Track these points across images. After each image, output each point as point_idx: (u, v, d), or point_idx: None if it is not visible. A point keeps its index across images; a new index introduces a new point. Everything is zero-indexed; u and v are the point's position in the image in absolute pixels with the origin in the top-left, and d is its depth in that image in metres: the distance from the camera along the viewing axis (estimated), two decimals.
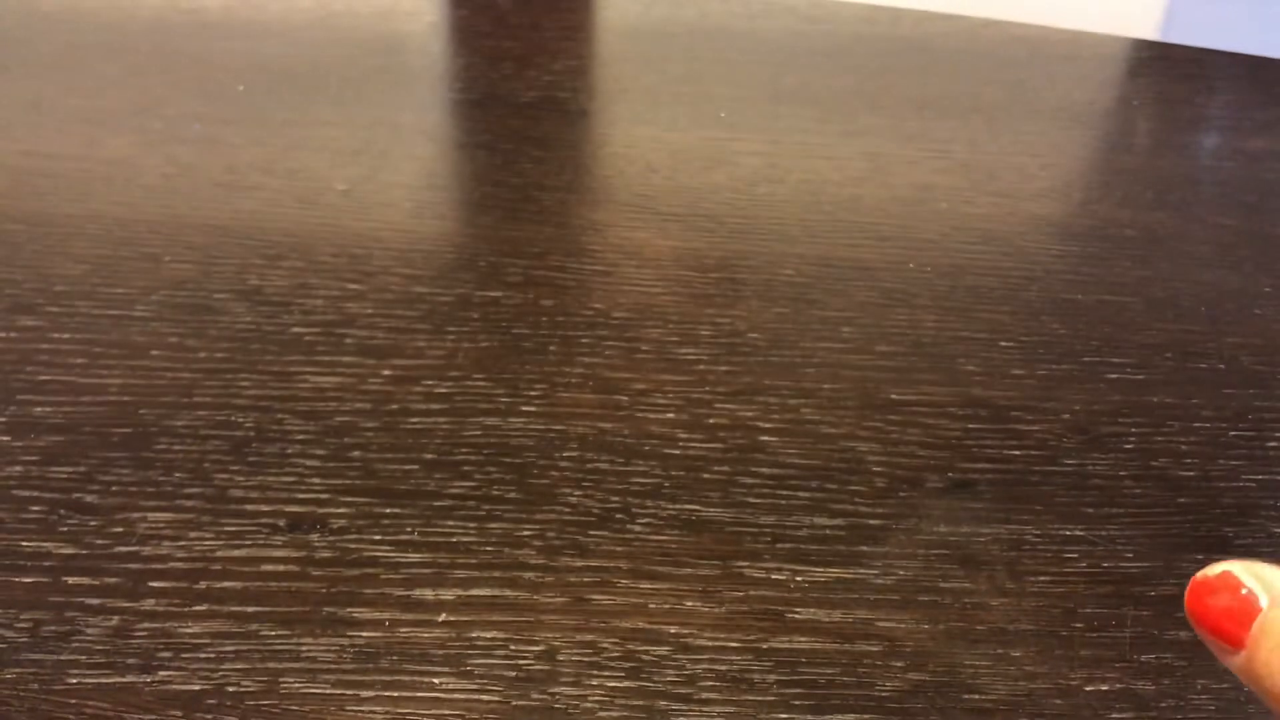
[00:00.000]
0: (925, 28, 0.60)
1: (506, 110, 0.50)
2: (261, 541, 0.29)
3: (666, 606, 0.28)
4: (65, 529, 0.29)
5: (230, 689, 0.25)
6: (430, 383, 0.34)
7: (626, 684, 0.26)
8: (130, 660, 0.26)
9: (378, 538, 0.29)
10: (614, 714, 0.25)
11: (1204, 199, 0.46)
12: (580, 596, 0.28)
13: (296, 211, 0.42)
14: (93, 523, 0.29)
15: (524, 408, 0.33)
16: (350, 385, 0.34)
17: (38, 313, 0.36)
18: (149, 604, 0.27)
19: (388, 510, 0.30)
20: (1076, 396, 0.35)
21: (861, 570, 0.29)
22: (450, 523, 0.30)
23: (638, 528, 0.30)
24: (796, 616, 0.28)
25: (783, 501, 0.31)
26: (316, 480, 0.31)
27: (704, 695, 0.26)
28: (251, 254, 0.39)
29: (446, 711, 0.25)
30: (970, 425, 0.34)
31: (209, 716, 0.25)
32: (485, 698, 0.26)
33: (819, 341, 0.37)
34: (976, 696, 0.26)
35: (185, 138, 0.46)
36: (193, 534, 0.29)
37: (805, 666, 0.27)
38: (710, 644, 0.27)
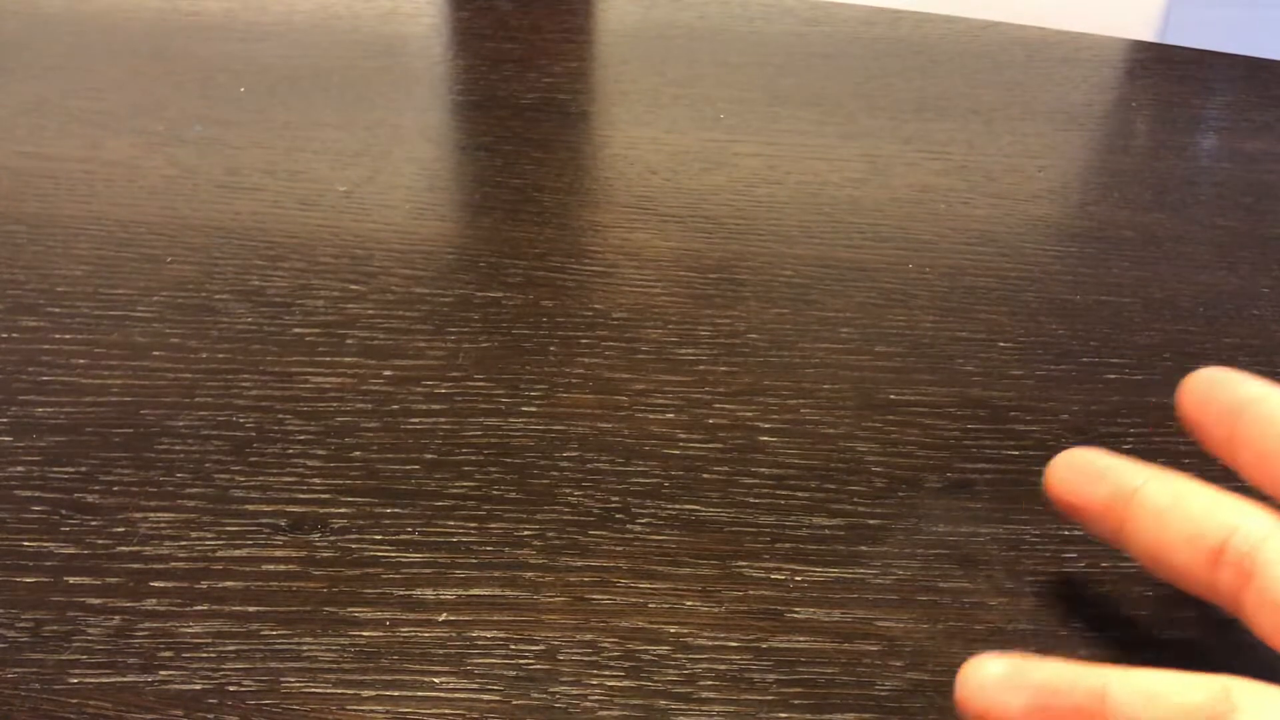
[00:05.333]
0: (924, 30, 0.60)
1: (507, 112, 0.50)
2: (262, 541, 0.29)
3: (666, 606, 0.28)
4: (67, 529, 0.29)
5: (231, 688, 0.26)
6: (431, 383, 0.34)
7: (626, 683, 0.26)
8: (131, 660, 0.26)
9: (378, 538, 0.29)
10: (614, 713, 0.25)
11: (1202, 200, 0.46)
12: (580, 596, 0.28)
13: (298, 213, 0.42)
14: (94, 523, 0.29)
15: (524, 408, 0.33)
16: (351, 386, 0.34)
17: (40, 314, 0.36)
18: (150, 604, 0.27)
19: (388, 510, 0.30)
20: (1075, 397, 0.35)
21: (860, 570, 0.29)
22: (451, 523, 0.30)
23: (637, 528, 0.30)
24: (796, 616, 0.28)
25: (782, 501, 0.31)
26: (317, 480, 0.31)
27: (703, 694, 0.26)
28: (253, 255, 0.40)
29: (447, 710, 0.25)
30: (969, 425, 0.34)
31: (210, 716, 0.25)
32: (485, 697, 0.26)
33: (818, 342, 0.37)
34: None
35: (187, 139, 0.46)
36: (194, 534, 0.29)
37: (804, 666, 0.27)
38: (710, 643, 0.27)
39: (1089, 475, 0.23)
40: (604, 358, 0.36)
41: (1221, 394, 0.23)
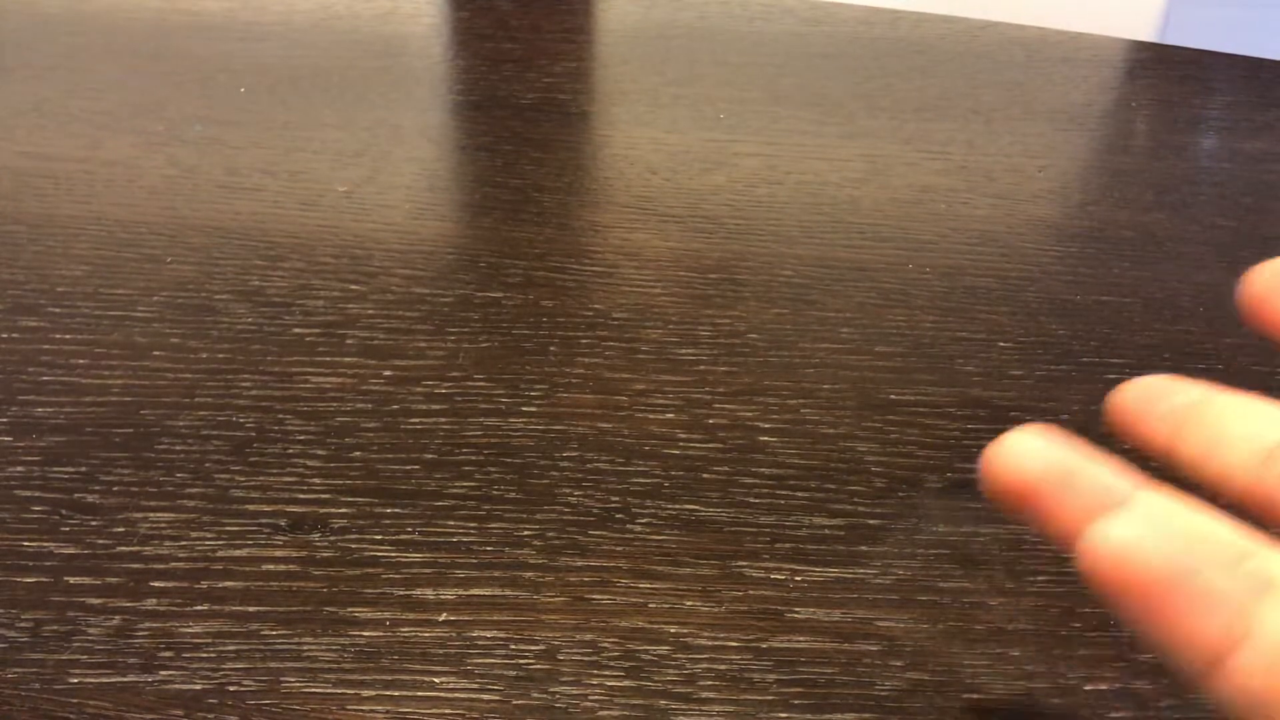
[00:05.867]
0: (923, 30, 0.60)
1: (507, 112, 0.50)
2: (263, 541, 0.29)
3: (666, 606, 0.28)
4: (67, 529, 0.29)
5: (231, 688, 0.26)
6: (431, 383, 0.34)
7: (626, 683, 0.26)
8: (131, 660, 0.26)
9: (378, 537, 0.29)
10: (614, 713, 0.25)
11: (1202, 200, 0.46)
12: (580, 596, 0.28)
13: (298, 213, 0.42)
14: (94, 523, 0.29)
15: (524, 408, 0.33)
16: (351, 386, 0.34)
17: (40, 314, 0.36)
18: (150, 604, 0.27)
19: (388, 510, 0.30)
20: (1075, 397, 0.35)
21: (860, 570, 0.29)
22: (451, 522, 0.30)
23: (637, 527, 0.30)
24: (796, 616, 0.28)
25: (782, 501, 0.31)
26: (317, 480, 0.31)
27: (703, 694, 0.26)
28: (253, 255, 0.40)
29: (447, 710, 0.25)
30: (969, 425, 0.34)
31: (210, 716, 0.25)
32: (486, 697, 0.26)
33: (818, 342, 0.37)
34: (975, 695, 0.26)
35: (187, 139, 0.46)
36: (194, 534, 0.29)
37: (804, 666, 0.27)
38: (710, 643, 0.27)
39: (1158, 390, 0.23)
40: (604, 358, 0.36)
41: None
